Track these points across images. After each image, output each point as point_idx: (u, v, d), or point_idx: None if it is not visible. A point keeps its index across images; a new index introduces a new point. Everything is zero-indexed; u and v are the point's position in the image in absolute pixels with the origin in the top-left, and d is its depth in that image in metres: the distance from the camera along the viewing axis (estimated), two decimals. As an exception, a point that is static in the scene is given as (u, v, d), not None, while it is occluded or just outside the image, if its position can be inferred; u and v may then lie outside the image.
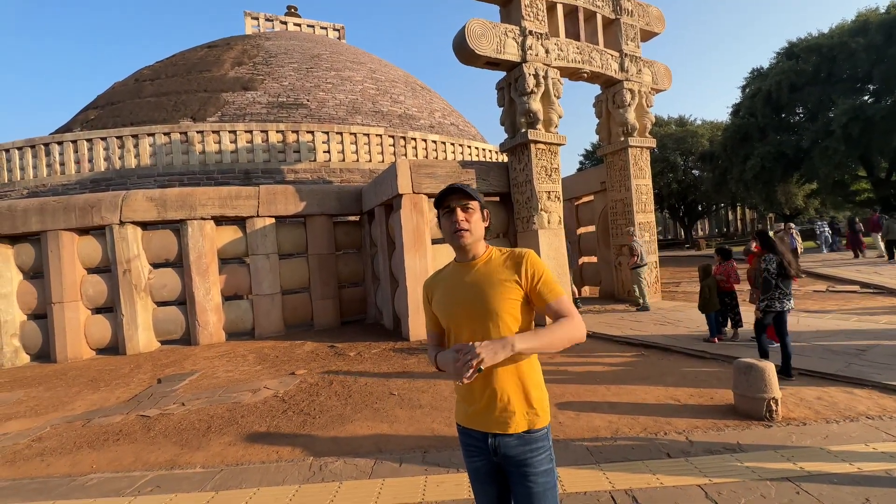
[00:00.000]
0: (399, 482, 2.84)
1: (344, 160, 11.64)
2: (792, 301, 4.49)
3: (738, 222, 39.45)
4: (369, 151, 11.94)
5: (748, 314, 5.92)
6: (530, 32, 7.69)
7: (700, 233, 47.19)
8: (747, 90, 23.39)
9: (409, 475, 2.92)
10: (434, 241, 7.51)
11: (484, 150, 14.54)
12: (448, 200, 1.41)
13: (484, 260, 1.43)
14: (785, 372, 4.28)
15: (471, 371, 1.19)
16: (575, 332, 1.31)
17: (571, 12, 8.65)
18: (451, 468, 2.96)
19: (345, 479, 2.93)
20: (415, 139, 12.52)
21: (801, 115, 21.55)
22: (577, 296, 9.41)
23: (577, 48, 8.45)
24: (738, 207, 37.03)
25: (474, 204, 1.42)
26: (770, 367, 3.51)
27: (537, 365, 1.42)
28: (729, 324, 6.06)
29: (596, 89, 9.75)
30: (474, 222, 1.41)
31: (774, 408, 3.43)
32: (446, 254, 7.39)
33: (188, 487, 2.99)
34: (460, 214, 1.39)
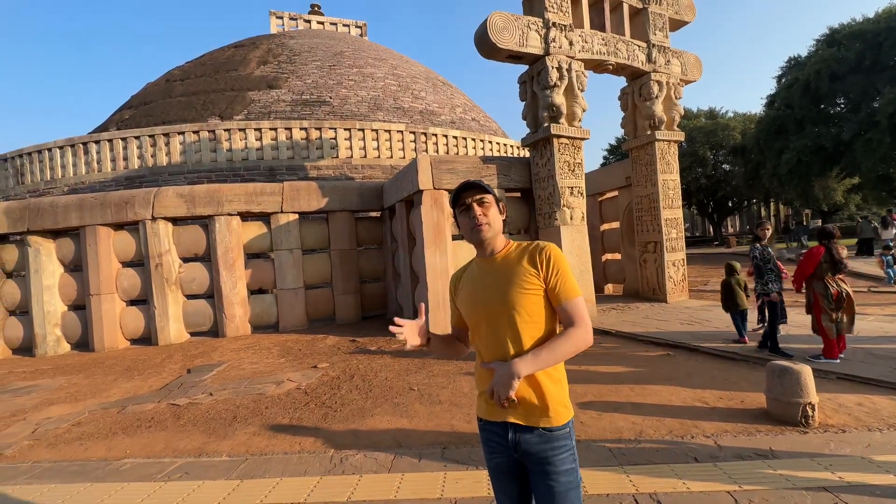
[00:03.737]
0: (418, 477, 2.85)
1: (365, 156, 11.74)
2: (780, 284, 5.15)
3: (772, 219, 37.79)
4: (390, 148, 11.99)
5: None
6: (554, 24, 7.52)
7: (730, 230, 45.46)
8: (783, 80, 22.31)
9: (428, 471, 2.92)
10: (454, 238, 7.48)
11: (505, 145, 14.39)
12: (463, 198, 1.41)
13: (503, 254, 1.42)
14: (774, 350, 4.93)
15: (507, 404, 1.31)
16: (581, 343, 1.31)
17: (597, 2, 8.41)
18: (471, 465, 2.95)
19: (365, 473, 2.96)
20: (436, 135, 12.50)
21: (843, 106, 20.37)
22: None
23: (603, 39, 8.21)
24: (772, 203, 35.45)
25: (489, 197, 1.41)
26: (806, 371, 3.34)
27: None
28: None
29: (621, 81, 9.48)
30: (492, 216, 1.40)
31: (811, 413, 3.27)
32: (467, 250, 7.35)
33: (214, 475, 3.08)
34: (477, 209, 1.39)
